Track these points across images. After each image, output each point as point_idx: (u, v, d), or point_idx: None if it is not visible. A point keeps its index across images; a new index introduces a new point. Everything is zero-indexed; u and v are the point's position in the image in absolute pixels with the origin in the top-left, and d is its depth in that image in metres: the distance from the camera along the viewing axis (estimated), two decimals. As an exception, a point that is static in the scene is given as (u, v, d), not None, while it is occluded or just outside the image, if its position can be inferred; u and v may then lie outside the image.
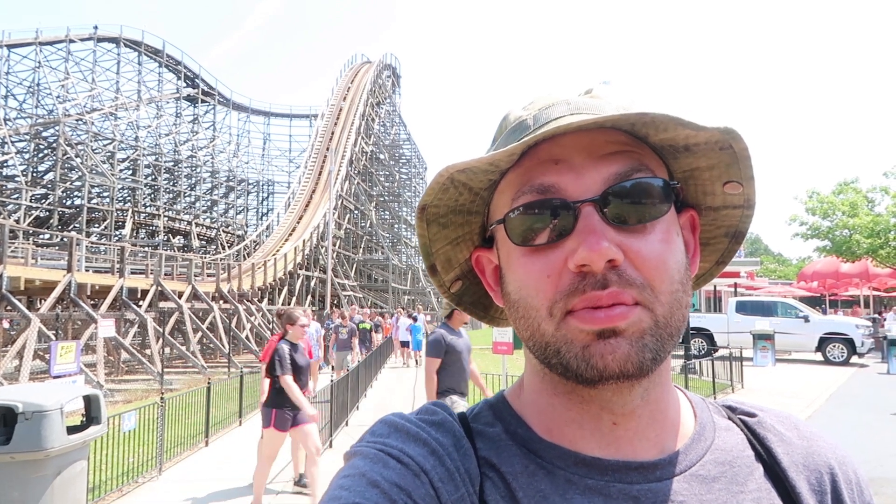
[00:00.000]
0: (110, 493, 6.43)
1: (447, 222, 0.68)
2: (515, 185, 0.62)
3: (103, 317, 16.01)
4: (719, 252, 0.73)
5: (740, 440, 0.65)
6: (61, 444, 4.48)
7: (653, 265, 0.57)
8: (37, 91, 45.06)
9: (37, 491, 4.39)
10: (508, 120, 0.66)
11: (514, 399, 0.68)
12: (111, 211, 42.97)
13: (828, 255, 29.24)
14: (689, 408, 0.68)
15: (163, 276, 23.01)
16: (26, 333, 14.79)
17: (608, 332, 0.55)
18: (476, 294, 0.77)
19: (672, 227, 0.61)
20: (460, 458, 0.60)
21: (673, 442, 0.62)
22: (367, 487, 0.54)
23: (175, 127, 54.45)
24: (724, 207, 0.68)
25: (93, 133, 44.10)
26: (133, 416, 6.92)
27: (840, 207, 26.39)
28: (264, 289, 31.69)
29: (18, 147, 42.23)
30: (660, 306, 0.57)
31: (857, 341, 18.71)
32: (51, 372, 7.76)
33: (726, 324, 20.07)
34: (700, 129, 0.57)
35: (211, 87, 58.31)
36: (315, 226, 42.34)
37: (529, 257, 0.59)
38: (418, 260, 67.27)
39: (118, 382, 17.52)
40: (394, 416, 0.64)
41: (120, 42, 49.27)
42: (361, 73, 61.11)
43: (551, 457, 0.61)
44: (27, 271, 17.19)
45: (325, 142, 51.02)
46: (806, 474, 0.63)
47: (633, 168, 0.59)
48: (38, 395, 4.63)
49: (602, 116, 0.54)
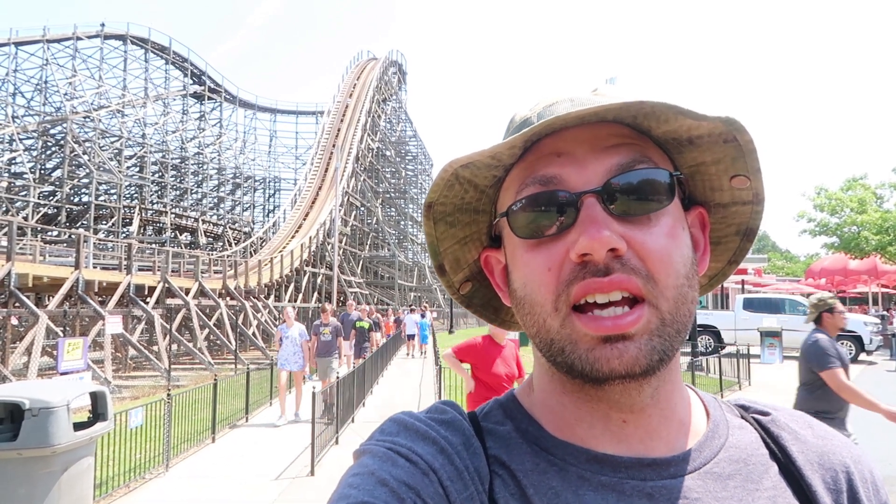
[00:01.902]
0: (117, 489, 6.45)
1: (454, 221, 0.68)
2: (519, 179, 0.62)
3: (111, 313, 16.08)
4: (731, 251, 0.72)
5: (754, 438, 0.64)
6: (68, 441, 4.50)
7: (657, 257, 0.56)
8: (44, 88, 45.34)
9: (44, 487, 4.41)
10: (514, 121, 0.67)
11: (525, 397, 0.68)
12: (118, 208, 43.12)
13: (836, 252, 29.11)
14: (701, 406, 0.67)
15: (170, 272, 23.07)
16: (34, 330, 14.85)
17: (615, 337, 0.55)
18: (486, 296, 0.76)
19: (677, 220, 0.60)
20: (469, 457, 0.59)
21: (685, 439, 0.62)
22: (376, 486, 0.54)
23: (182, 124, 54.62)
24: (732, 204, 0.67)
25: (100, 130, 44.28)
26: (140, 413, 6.95)
27: (848, 204, 26.27)
28: (271, 286, 31.76)
29: (26, 144, 42.46)
30: (665, 302, 0.56)
31: (866, 338, 18.62)
32: (58, 368, 7.80)
33: (734, 321, 20.00)
34: (701, 118, 0.57)
35: (217, 84, 58.46)
36: (321, 222, 42.37)
37: (533, 252, 0.59)
38: (424, 257, 67.34)
39: (125, 379, 17.59)
40: (403, 415, 0.64)
41: (127, 39, 49.43)
42: (367, 69, 61.13)
43: (563, 454, 0.60)
44: (35, 268, 17.26)
45: (331, 138, 51.08)
46: (821, 473, 0.62)
47: (636, 159, 0.58)
48: (45, 391, 4.64)
49: (601, 105, 0.54)
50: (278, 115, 66.23)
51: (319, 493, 6.43)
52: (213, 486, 6.78)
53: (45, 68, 45.06)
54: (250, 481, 6.89)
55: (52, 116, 43.83)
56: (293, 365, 10.34)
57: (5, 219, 16.96)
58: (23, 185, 40.27)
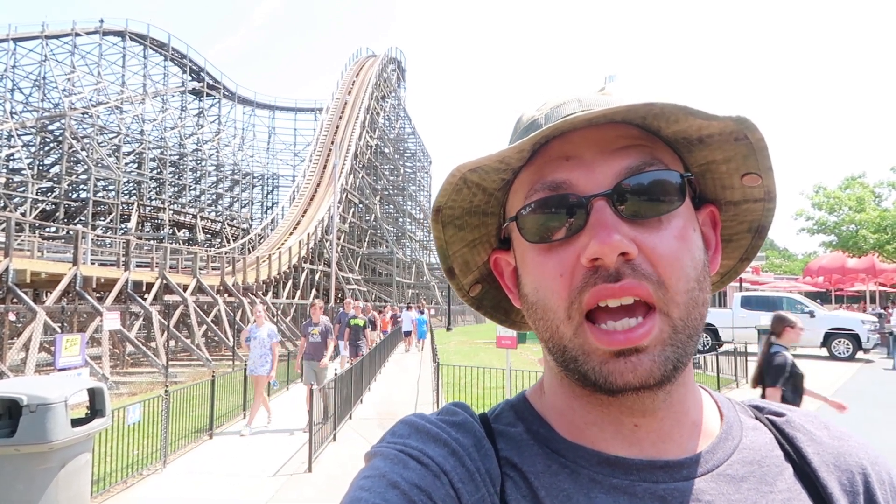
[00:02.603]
0: (115, 485, 6.44)
1: (463, 224, 0.68)
2: (528, 183, 0.61)
3: (108, 310, 16.04)
4: (743, 248, 0.71)
5: (769, 440, 0.64)
6: (65, 437, 4.49)
7: (667, 262, 0.56)
8: (43, 84, 45.17)
9: (41, 483, 4.40)
10: (521, 122, 0.66)
11: (536, 399, 0.67)
12: (116, 204, 43.03)
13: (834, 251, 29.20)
14: (715, 407, 0.66)
15: (168, 269, 23.02)
16: (32, 326, 14.82)
17: (628, 351, 0.54)
18: (496, 298, 0.76)
19: (688, 222, 0.59)
20: (481, 459, 0.59)
21: (698, 441, 0.61)
22: (388, 488, 0.54)
23: (180, 120, 54.52)
24: (744, 201, 0.66)
25: (98, 126, 44.17)
26: (138, 409, 6.94)
27: (847, 202, 26.32)
28: (269, 282, 31.73)
29: (25, 140, 42.36)
30: (676, 308, 0.56)
31: (863, 337, 18.66)
32: (56, 364, 7.77)
33: (731, 319, 20.03)
34: (711, 118, 0.56)
35: (216, 81, 58.34)
36: (320, 219, 42.35)
37: (543, 256, 0.59)
38: (422, 254, 67.40)
39: (123, 375, 17.57)
40: (414, 417, 0.64)
41: (125, 36, 49.29)
42: (366, 66, 61.05)
43: (575, 456, 0.60)
44: (33, 264, 17.22)
45: (329, 135, 51.02)
46: (837, 474, 0.62)
47: (646, 161, 0.58)
48: (43, 387, 4.63)
49: (610, 108, 0.54)
50: (277, 111, 66.13)
51: (317, 490, 6.43)
52: (210, 482, 6.77)
53: (44, 64, 44.91)
54: (248, 478, 6.89)
55: (50, 112, 43.68)
56: (259, 369, 9.15)
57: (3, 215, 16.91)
58: (21, 181, 40.16)
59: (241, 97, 62.02)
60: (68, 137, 40.36)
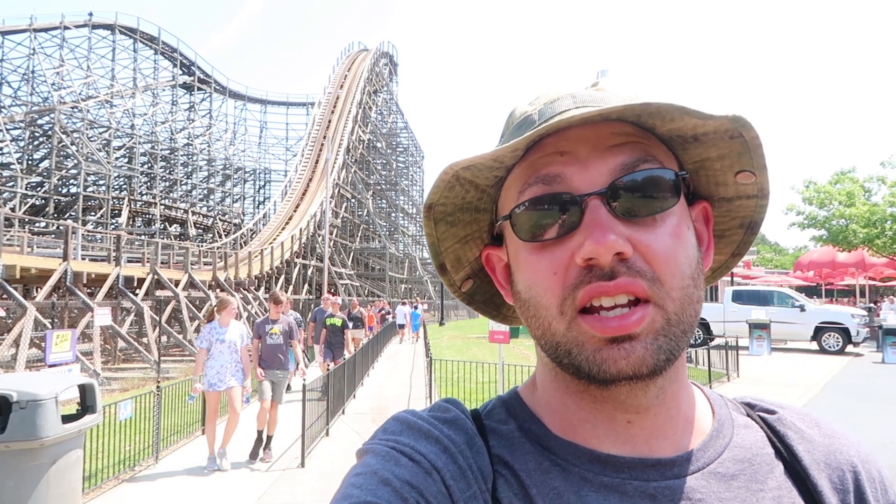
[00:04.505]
0: (106, 481, 6.42)
1: (455, 220, 0.68)
2: (521, 179, 0.61)
3: (99, 305, 15.98)
4: (735, 244, 0.71)
5: (760, 437, 0.64)
6: (56, 433, 4.46)
7: (662, 259, 0.56)
8: (31, 78, 44.77)
9: (32, 480, 4.38)
10: (514, 116, 0.66)
11: (528, 396, 0.67)
12: (107, 199, 42.79)
13: (824, 245, 29.34)
14: (707, 405, 0.67)
15: (159, 264, 22.96)
16: (22, 322, 14.75)
17: (622, 338, 0.54)
18: (487, 293, 0.76)
19: (683, 219, 0.60)
20: (473, 456, 0.59)
21: (690, 439, 0.61)
22: (379, 485, 0.54)
23: (171, 115, 54.17)
24: (737, 198, 0.66)
25: (88, 121, 43.88)
26: (129, 405, 6.91)
27: (837, 197, 26.44)
28: (261, 277, 31.70)
29: (13, 135, 42.07)
30: (671, 303, 0.56)
31: (853, 330, 18.78)
32: (46, 360, 7.73)
33: (722, 313, 20.10)
34: (707, 117, 0.56)
35: (207, 75, 58.01)
36: (312, 214, 42.29)
37: (537, 254, 0.59)
38: (415, 249, 67.36)
39: (115, 371, 17.50)
40: (406, 414, 0.64)
41: (115, 29, 48.87)
42: (358, 61, 60.84)
43: (566, 454, 0.60)
44: (23, 259, 17.13)
45: (321, 130, 50.90)
46: (828, 472, 0.62)
47: (640, 159, 0.58)
48: (33, 383, 4.60)
49: (606, 108, 0.54)
50: (269, 106, 65.85)
51: (310, 485, 6.43)
52: (202, 477, 6.76)
53: (32, 58, 44.50)
54: (240, 473, 6.88)
55: (39, 107, 43.37)
56: (230, 380, 7.11)
57: (-8, 210, 16.79)
58: (10, 175, 39.88)
59: (232, 91, 61.70)
60: (58, 132, 40.08)
